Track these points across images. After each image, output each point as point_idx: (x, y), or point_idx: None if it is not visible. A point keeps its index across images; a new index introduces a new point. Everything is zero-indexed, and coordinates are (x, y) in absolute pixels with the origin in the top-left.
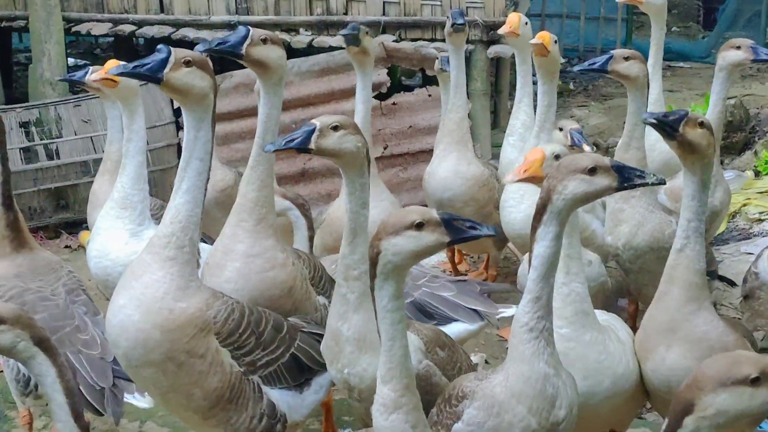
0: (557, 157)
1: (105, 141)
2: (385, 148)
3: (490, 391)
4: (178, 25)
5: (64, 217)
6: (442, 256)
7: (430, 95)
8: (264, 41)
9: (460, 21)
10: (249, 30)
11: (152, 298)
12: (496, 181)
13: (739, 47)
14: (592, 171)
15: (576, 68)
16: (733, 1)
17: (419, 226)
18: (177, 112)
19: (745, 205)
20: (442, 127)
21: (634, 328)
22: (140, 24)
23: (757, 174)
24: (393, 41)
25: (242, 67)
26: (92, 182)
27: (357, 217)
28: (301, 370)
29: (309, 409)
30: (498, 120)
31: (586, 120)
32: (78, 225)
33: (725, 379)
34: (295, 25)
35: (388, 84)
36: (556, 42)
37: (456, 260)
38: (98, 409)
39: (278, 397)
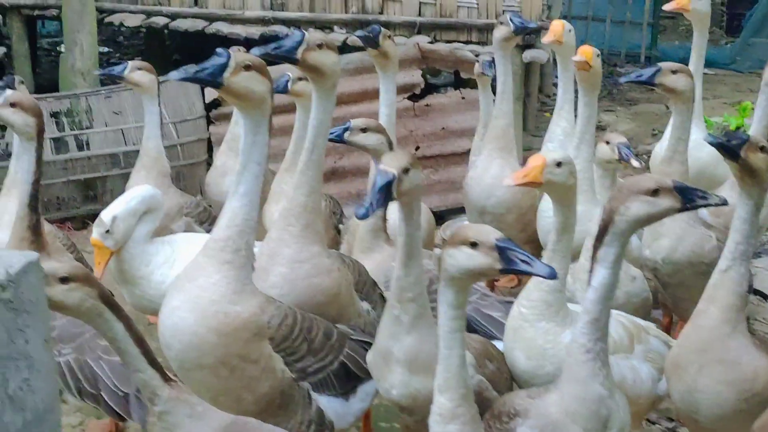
0: (559, 164)
1: (135, 133)
2: (417, 149)
3: (545, 410)
4: (211, 19)
5: (92, 208)
6: None
7: (463, 98)
8: (320, 46)
9: (519, 26)
10: (304, 34)
11: (208, 300)
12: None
13: None
14: (655, 192)
15: (622, 80)
16: (761, 7)
17: (473, 245)
18: (208, 107)
19: None
20: (482, 132)
21: None
22: (173, 17)
23: None
24: (428, 42)
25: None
26: (122, 174)
27: (412, 240)
28: (348, 378)
29: (355, 417)
30: (526, 123)
31: (614, 126)
32: None
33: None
34: (329, 22)
35: (422, 85)
36: (598, 56)
37: None
38: (122, 415)
39: (326, 404)
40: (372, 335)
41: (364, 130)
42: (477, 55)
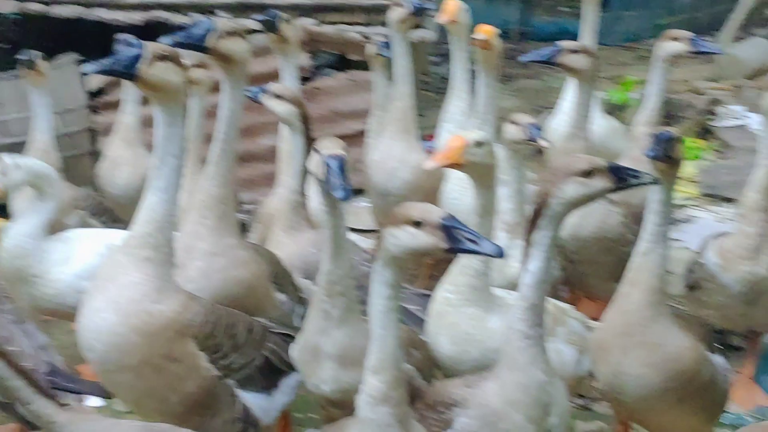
0: (479, 144)
1: (17, 125)
2: None
3: (485, 399)
4: (90, 5)
5: None
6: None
7: (351, 79)
8: (230, 33)
9: (416, 6)
10: (212, 22)
11: (130, 300)
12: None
13: (677, 38)
14: (589, 173)
15: (523, 59)
16: None
17: (417, 224)
18: (92, 96)
19: None
20: (379, 114)
21: None
22: (50, 3)
23: None
24: (314, 25)
25: None
26: None
27: (338, 232)
28: (272, 372)
29: (279, 411)
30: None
31: (497, 103)
32: None
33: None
34: (212, 7)
35: (311, 68)
36: (498, 35)
37: None
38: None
39: (251, 400)
40: (289, 327)
41: (279, 96)
42: (366, 37)
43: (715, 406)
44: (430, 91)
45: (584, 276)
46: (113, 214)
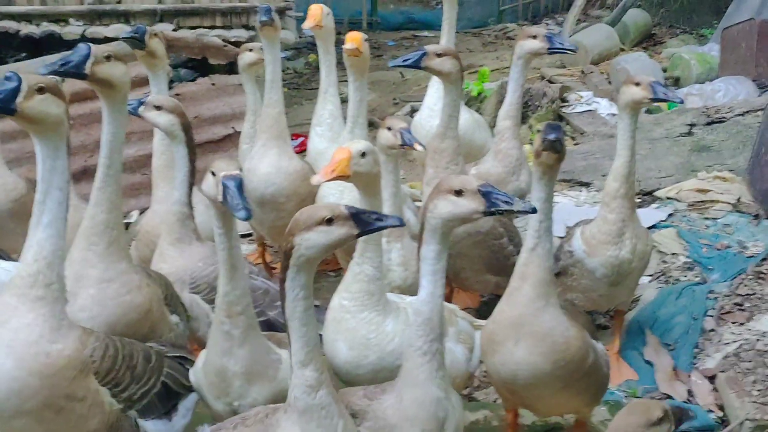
0: (363, 154)
1: None
2: None
3: (382, 413)
4: None
5: None
6: (244, 250)
7: (213, 84)
8: (108, 58)
9: (264, 18)
10: (90, 48)
11: (25, 342)
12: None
13: (535, 36)
14: (459, 193)
15: (390, 64)
16: None
17: (329, 221)
18: None
19: None
20: (252, 120)
21: None
22: None
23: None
24: (172, 30)
25: None
26: None
27: (233, 253)
28: (169, 397)
29: None
30: None
31: (366, 105)
32: None
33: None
34: (64, 15)
35: (171, 74)
36: (367, 40)
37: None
38: None
39: (152, 428)
40: (183, 348)
41: (158, 107)
42: (224, 41)
43: (598, 388)
44: (287, 87)
45: (459, 270)
46: None
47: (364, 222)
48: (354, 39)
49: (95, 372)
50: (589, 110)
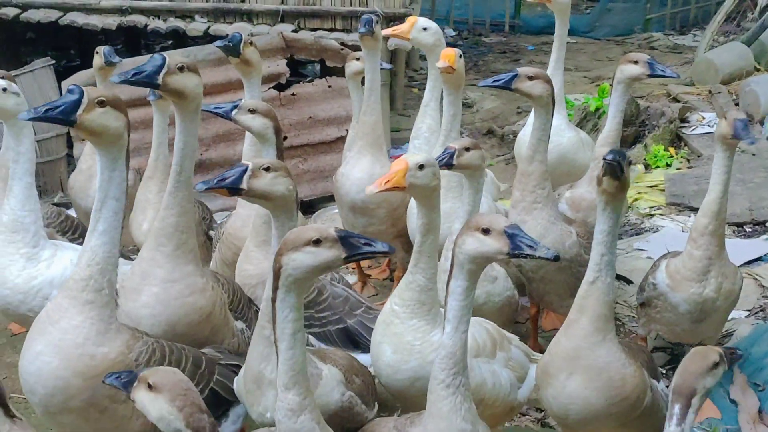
0: (421, 167)
1: None
2: (285, 139)
3: None
4: (65, 9)
5: None
6: None
7: (330, 86)
8: (181, 69)
9: (363, 30)
10: (165, 58)
11: (72, 344)
12: None
13: (636, 62)
14: (486, 231)
15: (480, 84)
16: None
17: (317, 242)
18: None
19: (636, 200)
20: (355, 128)
21: (536, 331)
22: (24, 7)
23: (647, 167)
24: (292, 31)
25: None
26: None
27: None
28: (219, 404)
29: None
30: (393, 102)
31: (480, 104)
32: None
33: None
34: (190, 11)
35: (288, 74)
36: (461, 56)
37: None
38: None
39: None
40: (241, 356)
41: (252, 111)
42: (342, 44)
43: (656, 430)
44: (416, 87)
45: (544, 293)
46: (83, 229)
47: (352, 246)
48: (448, 57)
49: None
50: (710, 132)
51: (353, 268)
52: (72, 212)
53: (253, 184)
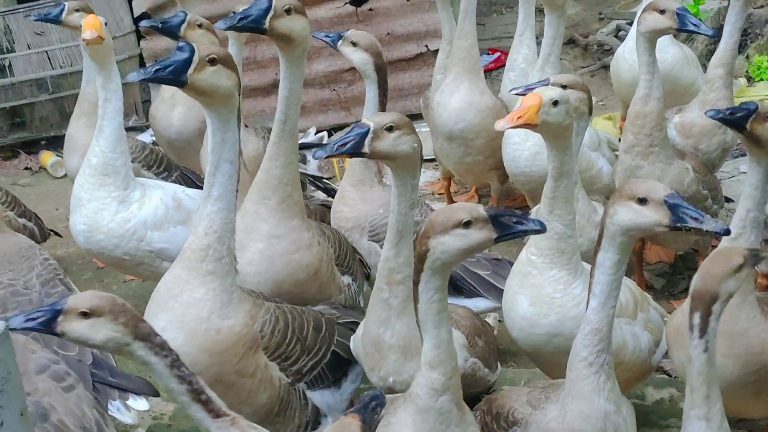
0: (555, 103)
1: (62, 55)
2: None
3: (546, 425)
4: None
5: (20, 136)
6: (427, 177)
7: (408, 0)
8: (288, 12)
9: None
10: (271, 1)
11: (196, 318)
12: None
13: (663, 11)
14: (642, 201)
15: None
16: None
17: (467, 224)
18: (136, 20)
19: None
20: (447, 49)
21: (640, 265)
22: None
23: (750, 80)
24: None
25: None
26: (51, 100)
27: (404, 219)
28: (340, 366)
29: (347, 401)
30: None
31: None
32: (36, 144)
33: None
34: None
35: None
36: None
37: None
38: None
39: (319, 399)
40: (354, 309)
41: (354, 43)
42: None
43: None
44: (500, 11)
45: (661, 240)
46: (168, 163)
47: (504, 225)
48: None
49: (265, 347)
50: None
51: (440, 193)
52: (145, 137)
53: (376, 146)
